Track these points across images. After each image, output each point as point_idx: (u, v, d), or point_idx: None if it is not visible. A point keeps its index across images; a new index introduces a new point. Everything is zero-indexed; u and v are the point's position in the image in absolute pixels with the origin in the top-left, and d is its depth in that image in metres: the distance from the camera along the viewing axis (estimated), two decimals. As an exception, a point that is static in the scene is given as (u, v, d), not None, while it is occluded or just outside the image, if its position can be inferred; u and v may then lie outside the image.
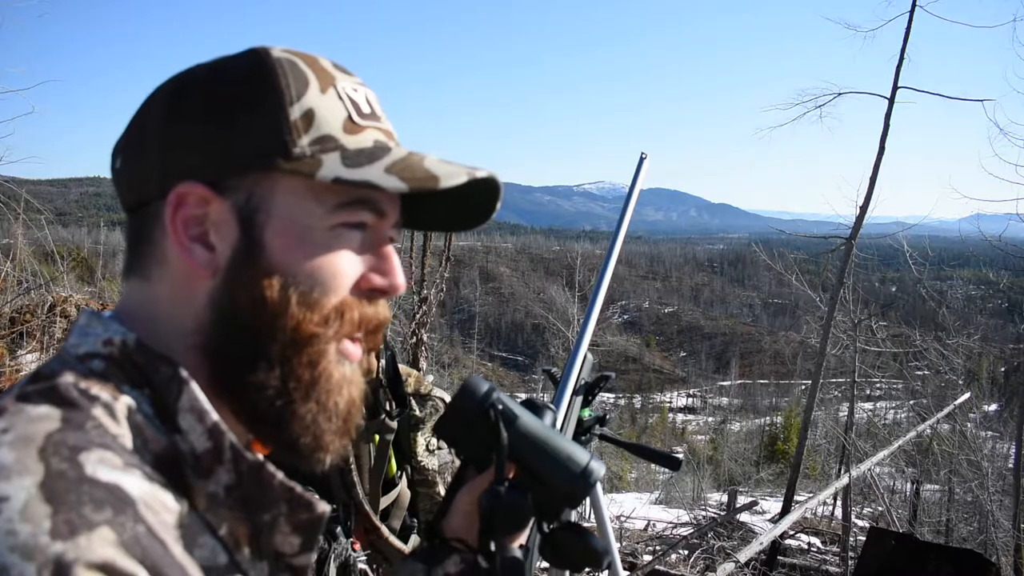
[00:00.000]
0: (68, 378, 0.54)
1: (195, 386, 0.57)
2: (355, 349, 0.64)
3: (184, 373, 0.57)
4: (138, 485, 0.50)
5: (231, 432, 0.57)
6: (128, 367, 0.57)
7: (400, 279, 0.65)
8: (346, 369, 0.63)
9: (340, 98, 0.62)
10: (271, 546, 0.57)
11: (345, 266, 0.61)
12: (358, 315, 0.62)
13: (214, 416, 0.57)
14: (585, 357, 1.41)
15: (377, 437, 1.80)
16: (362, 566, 1.75)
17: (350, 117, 0.62)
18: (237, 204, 0.59)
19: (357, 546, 1.76)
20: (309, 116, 0.60)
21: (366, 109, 0.64)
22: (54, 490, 0.44)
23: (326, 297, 0.60)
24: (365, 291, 0.63)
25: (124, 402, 0.55)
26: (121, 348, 0.58)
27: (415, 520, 1.96)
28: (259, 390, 0.59)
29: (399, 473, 1.91)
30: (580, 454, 0.76)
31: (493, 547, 0.73)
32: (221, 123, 0.60)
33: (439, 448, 1.99)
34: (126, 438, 0.53)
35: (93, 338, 0.58)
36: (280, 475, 0.58)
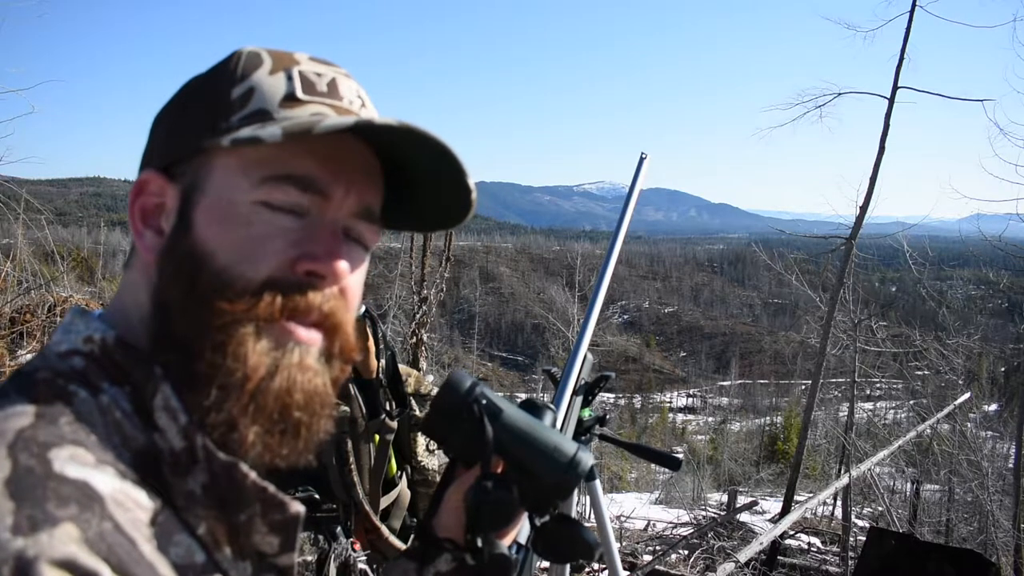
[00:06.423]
0: (47, 375, 0.55)
1: (167, 386, 0.57)
2: (304, 332, 0.60)
3: (159, 371, 0.57)
4: (109, 482, 0.49)
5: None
6: (108, 364, 0.57)
7: (336, 265, 0.60)
8: (285, 355, 0.59)
9: (290, 78, 0.61)
10: (251, 546, 0.57)
11: (267, 243, 0.58)
12: (280, 299, 0.58)
13: (184, 416, 0.56)
14: (585, 357, 1.41)
15: (377, 437, 1.80)
16: (362, 566, 1.76)
17: (292, 94, 0.60)
18: (182, 187, 0.61)
19: (357, 546, 1.76)
20: (248, 94, 0.60)
21: (322, 88, 0.62)
22: (19, 486, 0.44)
23: (242, 274, 0.57)
24: (301, 275, 0.59)
25: (102, 399, 0.55)
26: (101, 345, 0.58)
27: (415, 520, 1.96)
28: (168, 370, 0.57)
29: (399, 473, 1.91)
30: (567, 445, 0.74)
31: (480, 543, 0.72)
32: (177, 114, 0.63)
33: (439, 448, 1.99)
34: (102, 435, 0.53)
35: (75, 335, 0.59)
36: (253, 475, 0.57)
